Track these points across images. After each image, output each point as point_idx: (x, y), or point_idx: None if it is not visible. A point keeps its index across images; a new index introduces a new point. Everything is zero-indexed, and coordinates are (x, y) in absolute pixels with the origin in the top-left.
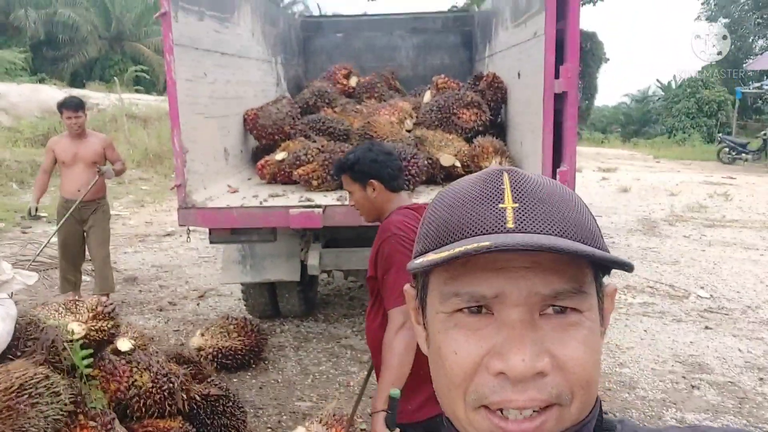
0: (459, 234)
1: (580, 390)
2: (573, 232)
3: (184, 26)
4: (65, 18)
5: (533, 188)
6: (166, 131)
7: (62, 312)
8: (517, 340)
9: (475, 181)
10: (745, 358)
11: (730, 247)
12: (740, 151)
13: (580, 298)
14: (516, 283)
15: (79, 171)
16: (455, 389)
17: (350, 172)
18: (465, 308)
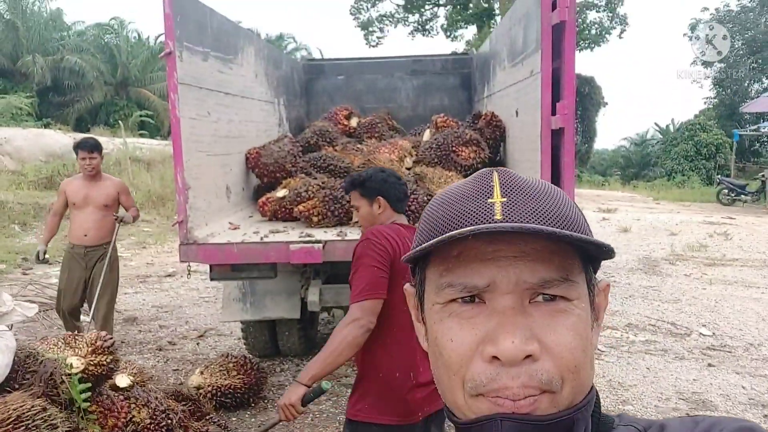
0: (449, 227)
1: (569, 374)
2: (559, 223)
3: (188, 65)
4: (72, 64)
5: (522, 185)
6: (169, 174)
7: (61, 346)
8: (508, 324)
9: (467, 181)
10: (749, 395)
11: (732, 285)
12: (739, 192)
13: (567, 286)
14: (505, 272)
15: (89, 213)
16: (454, 376)
17: (360, 188)
18: (459, 298)
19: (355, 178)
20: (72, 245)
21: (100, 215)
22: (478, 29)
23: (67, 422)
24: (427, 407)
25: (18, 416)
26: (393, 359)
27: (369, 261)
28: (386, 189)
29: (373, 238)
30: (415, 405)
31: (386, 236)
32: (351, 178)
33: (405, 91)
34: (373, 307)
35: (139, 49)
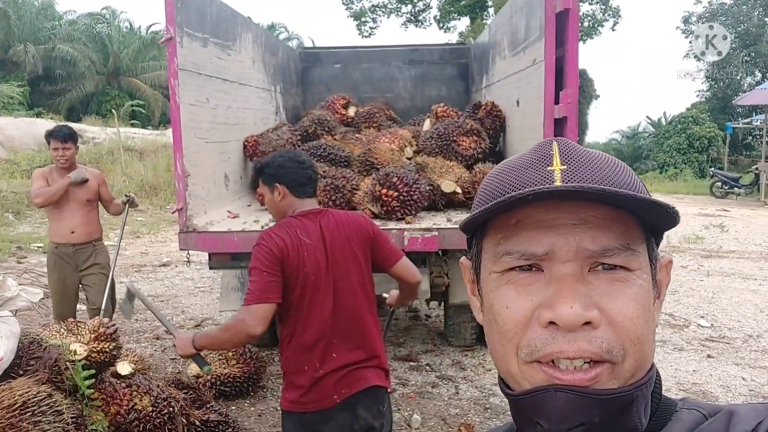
0: (506, 193)
1: (631, 346)
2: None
3: (188, 51)
4: (63, 53)
5: (582, 153)
6: (161, 163)
7: (64, 333)
8: (567, 291)
9: (526, 152)
10: (749, 386)
11: (729, 277)
12: (732, 185)
13: (628, 255)
14: (565, 239)
15: (73, 210)
16: (508, 343)
17: (260, 175)
18: (517, 267)
19: (255, 165)
20: (56, 245)
21: (85, 211)
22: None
23: (72, 409)
24: (345, 389)
25: (24, 402)
26: (297, 351)
27: (259, 266)
28: (284, 174)
29: (262, 242)
30: (327, 389)
31: (275, 238)
32: (254, 166)
33: (402, 80)
34: (261, 311)
35: (130, 39)
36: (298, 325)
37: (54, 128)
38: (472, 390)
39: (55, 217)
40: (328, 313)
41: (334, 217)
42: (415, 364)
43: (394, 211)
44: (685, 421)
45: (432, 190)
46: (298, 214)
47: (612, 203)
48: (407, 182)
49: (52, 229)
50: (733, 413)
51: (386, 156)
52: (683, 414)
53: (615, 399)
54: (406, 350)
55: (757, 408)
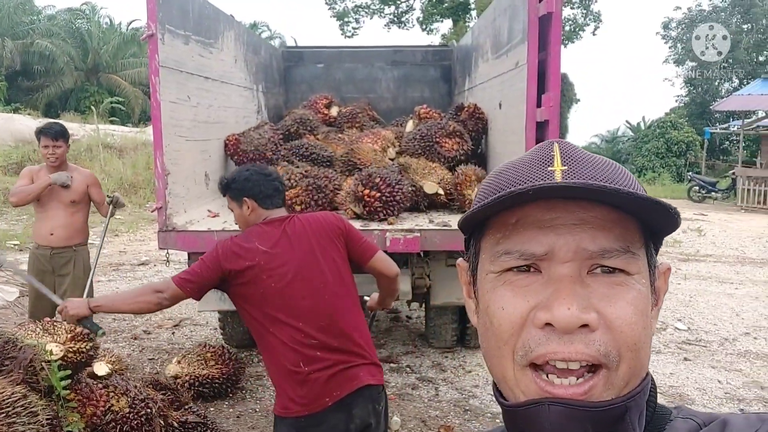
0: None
1: (628, 352)
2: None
3: (170, 49)
4: (42, 48)
5: (583, 155)
6: (141, 161)
7: (39, 332)
8: (564, 291)
9: (527, 153)
10: (724, 389)
11: (706, 280)
12: (710, 189)
13: (628, 258)
14: (564, 240)
15: (55, 210)
16: (504, 345)
17: (227, 191)
18: (515, 267)
19: (221, 182)
20: (37, 245)
21: (68, 212)
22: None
23: (47, 410)
24: (337, 391)
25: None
26: (279, 357)
27: (204, 263)
28: (250, 188)
29: (220, 247)
30: (318, 391)
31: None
32: (219, 182)
33: (385, 81)
34: (177, 293)
35: (110, 35)
36: (271, 328)
37: (44, 125)
38: (452, 392)
39: (38, 216)
40: (302, 315)
41: (300, 221)
42: (395, 366)
43: (377, 211)
44: (680, 430)
45: (414, 191)
46: (261, 223)
47: (612, 203)
48: (390, 183)
49: (35, 228)
50: (727, 423)
51: (369, 156)
52: (678, 423)
53: (608, 411)
54: (386, 351)
55: (749, 418)
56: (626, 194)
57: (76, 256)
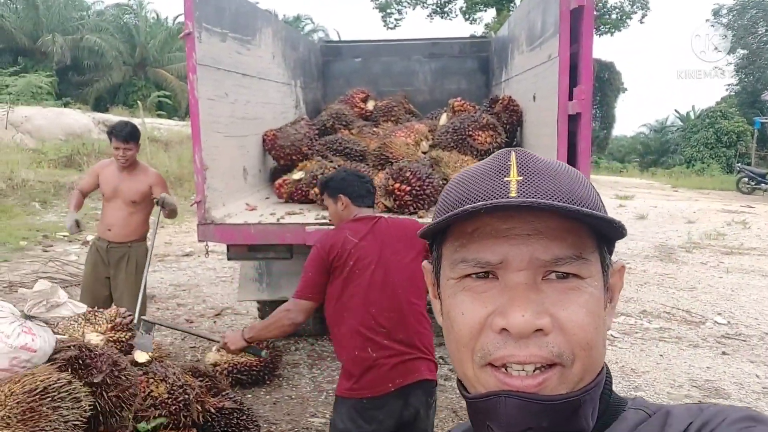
0: (464, 204)
1: (581, 351)
2: (572, 202)
3: (207, 46)
4: (91, 44)
5: (539, 164)
6: (186, 155)
7: (82, 322)
8: (519, 299)
9: (485, 161)
10: (762, 384)
11: (749, 274)
12: (760, 181)
13: (580, 264)
14: (518, 249)
15: (116, 208)
16: (463, 348)
17: (325, 189)
18: (472, 274)
19: (320, 181)
20: (98, 237)
21: (127, 212)
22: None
23: (90, 397)
24: (399, 379)
25: (45, 388)
26: (350, 340)
27: (309, 266)
28: (345, 187)
29: (317, 244)
30: (382, 377)
31: (327, 239)
32: (319, 181)
33: (422, 74)
34: (303, 305)
35: (157, 30)
36: (345, 314)
37: (116, 125)
38: None
39: (103, 210)
40: (375, 303)
41: (386, 222)
42: None
43: (407, 205)
44: (629, 421)
45: (445, 185)
46: (352, 219)
47: (563, 215)
48: (420, 177)
49: (100, 220)
50: (669, 413)
51: (401, 150)
52: (629, 413)
53: (563, 404)
54: None
55: (690, 408)
56: (575, 211)
57: (130, 252)
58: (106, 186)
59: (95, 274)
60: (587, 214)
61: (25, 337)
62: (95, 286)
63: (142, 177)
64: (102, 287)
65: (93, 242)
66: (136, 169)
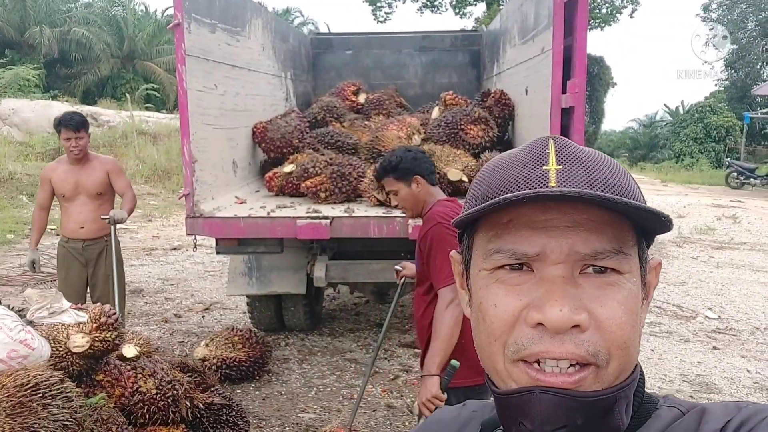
0: (502, 192)
1: (617, 351)
2: (615, 193)
3: (196, 37)
4: (79, 36)
5: (578, 153)
6: (175, 147)
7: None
8: (557, 293)
9: (522, 147)
10: (753, 378)
11: (739, 269)
12: (748, 176)
13: (619, 258)
14: (557, 242)
15: (82, 204)
16: (495, 341)
17: (394, 172)
18: (506, 265)
19: (385, 165)
20: (66, 239)
21: (95, 205)
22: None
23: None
24: None
25: (36, 384)
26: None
27: (447, 245)
28: (419, 166)
29: (444, 221)
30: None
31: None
32: (381, 165)
33: (413, 67)
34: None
35: (145, 22)
36: None
37: (63, 116)
38: None
39: (64, 209)
40: None
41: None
42: (419, 351)
43: None
44: (663, 418)
45: (438, 179)
46: (445, 199)
47: (606, 207)
48: None
49: (62, 222)
50: (705, 411)
51: (393, 144)
52: (663, 411)
53: (598, 401)
54: (410, 337)
55: (728, 406)
56: (621, 203)
57: (107, 246)
58: (64, 186)
59: (71, 278)
60: (634, 206)
61: (25, 334)
62: (73, 289)
63: (98, 166)
64: (81, 289)
65: (61, 245)
66: (90, 160)
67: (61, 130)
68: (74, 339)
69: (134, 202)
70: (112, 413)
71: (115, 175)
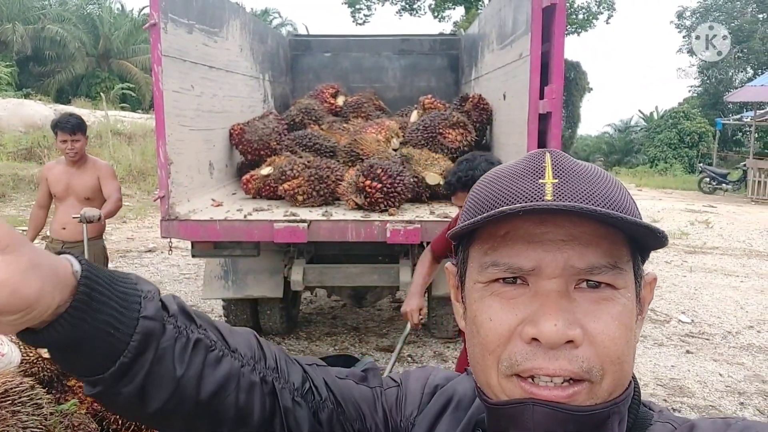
0: (498, 205)
1: (611, 366)
2: (611, 207)
3: (173, 38)
4: (53, 34)
5: (574, 167)
6: (150, 148)
7: None
8: (551, 307)
9: (519, 161)
10: (725, 382)
11: (711, 273)
12: (720, 181)
13: (615, 274)
14: (552, 256)
15: (69, 206)
16: (489, 355)
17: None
18: (501, 278)
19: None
20: (51, 239)
21: (82, 207)
22: (466, 10)
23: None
24: None
25: (5, 390)
26: None
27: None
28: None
29: None
30: None
31: None
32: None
33: (392, 71)
34: None
35: (121, 21)
36: None
37: (61, 118)
38: None
39: (56, 209)
40: None
41: None
42: None
43: (378, 202)
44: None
45: (416, 182)
46: None
47: (602, 221)
48: (391, 174)
49: (52, 221)
50: (695, 427)
51: (372, 147)
52: (657, 427)
53: (591, 415)
54: (388, 341)
55: (716, 423)
56: (616, 218)
57: (87, 250)
58: (56, 186)
59: None
60: (629, 222)
61: None
62: None
63: (92, 170)
64: None
65: (46, 245)
66: (85, 163)
67: (58, 133)
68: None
69: (116, 206)
70: (83, 419)
71: (105, 179)
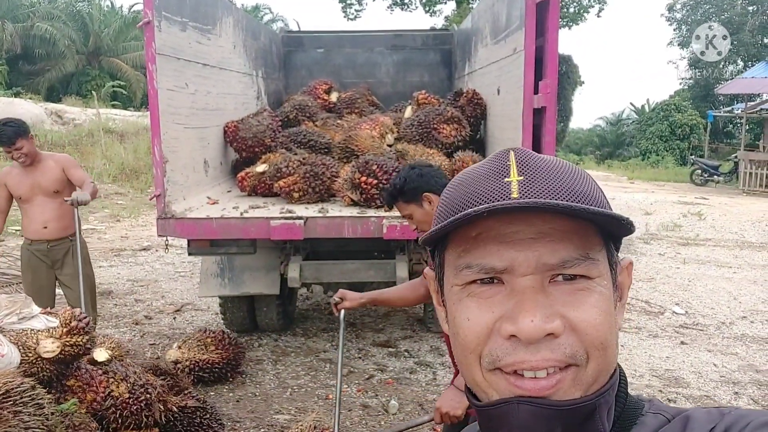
0: (465, 207)
1: (595, 351)
2: (577, 200)
3: (167, 36)
4: (42, 32)
5: (539, 163)
6: (142, 146)
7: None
8: (527, 303)
9: (484, 161)
10: (720, 372)
11: (705, 264)
12: (712, 173)
13: (588, 264)
14: (524, 255)
15: (42, 204)
16: (470, 354)
17: (402, 196)
18: (477, 280)
19: (391, 191)
20: (30, 242)
21: (55, 203)
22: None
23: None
24: None
25: (7, 391)
26: None
27: None
28: (426, 182)
29: None
30: None
31: None
32: (388, 191)
33: (385, 66)
34: None
35: (112, 18)
36: None
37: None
38: (450, 376)
39: (24, 211)
40: None
41: None
42: (393, 350)
43: (373, 198)
44: (648, 426)
45: None
46: None
47: (569, 215)
48: (386, 170)
49: (24, 224)
50: (690, 417)
51: (367, 143)
52: (648, 418)
53: (577, 409)
54: (385, 336)
55: (711, 413)
56: (581, 210)
57: (73, 246)
58: (20, 188)
59: (38, 281)
60: (594, 212)
61: None
62: (43, 292)
63: (52, 164)
64: (50, 292)
65: (24, 248)
66: (42, 160)
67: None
68: (44, 344)
69: (95, 188)
70: (84, 419)
71: (71, 169)
